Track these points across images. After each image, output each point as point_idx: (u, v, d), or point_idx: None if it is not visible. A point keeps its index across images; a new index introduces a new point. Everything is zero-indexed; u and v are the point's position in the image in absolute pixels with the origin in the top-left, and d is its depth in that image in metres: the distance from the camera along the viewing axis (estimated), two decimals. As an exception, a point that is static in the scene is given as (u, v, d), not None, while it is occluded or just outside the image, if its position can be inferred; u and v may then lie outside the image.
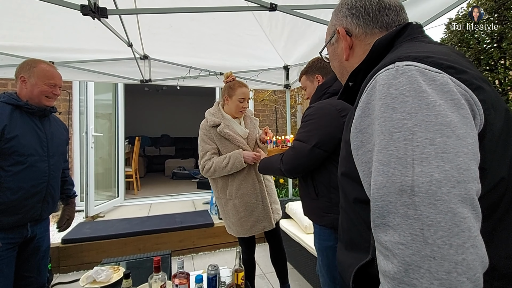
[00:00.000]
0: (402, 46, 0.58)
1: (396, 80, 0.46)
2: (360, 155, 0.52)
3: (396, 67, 0.48)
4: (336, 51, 0.74)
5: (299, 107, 4.86)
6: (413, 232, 0.38)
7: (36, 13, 1.73)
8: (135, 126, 7.64)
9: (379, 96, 0.48)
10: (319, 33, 2.04)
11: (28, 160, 1.34)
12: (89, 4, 1.20)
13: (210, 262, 2.83)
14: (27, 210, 1.36)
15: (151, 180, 6.04)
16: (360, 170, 0.53)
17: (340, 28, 0.69)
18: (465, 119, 0.43)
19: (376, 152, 0.46)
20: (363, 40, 0.68)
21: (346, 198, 0.64)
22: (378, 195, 0.43)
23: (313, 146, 1.23)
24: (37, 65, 1.39)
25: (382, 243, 0.43)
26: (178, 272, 1.32)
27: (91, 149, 3.43)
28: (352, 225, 0.64)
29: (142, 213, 3.65)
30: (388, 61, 0.51)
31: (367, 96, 0.51)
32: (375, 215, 0.44)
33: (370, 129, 0.50)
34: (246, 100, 1.83)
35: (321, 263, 1.33)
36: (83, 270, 2.60)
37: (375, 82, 0.50)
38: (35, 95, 1.37)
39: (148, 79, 2.73)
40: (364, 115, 0.52)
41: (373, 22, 0.66)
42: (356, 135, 0.53)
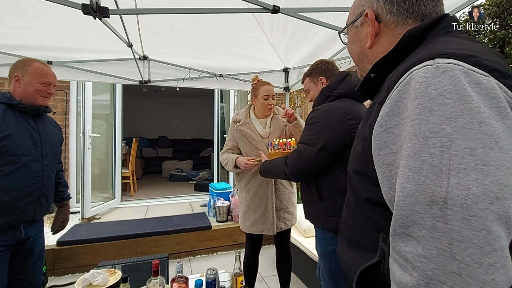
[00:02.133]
0: (436, 40, 0.52)
1: (436, 79, 0.42)
2: (382, 156, 0.48)
3: (437, 64, 0.43)
4: (358, 35, 0.67)
5: (298, 110, 4.86)
6: (440, 246, 0.36)
7: (35, 11, 1.71)
8: (133, 127, 7.59)
9: (415, 95, 0.43)
10: (321, 36, 2.04)
11: (21, 160, 1.31)
12: (91, 4, 1.19)
13: (208, 265, 2.80)
14: (20, 211, 1.33)
15: (148, 182, 5.99)
16: (379, 171, 0.50)
17: (370, 11, 0.61)
18: (510, 130, 0.39)
19: (407, 156, 0.42)
20: (392, 30, 0.61)
21: (356, 197, 0.62)
22: (404, 203, 0.40)
23: (319, 149, 1.21)
24: (30, 63, 1.38)
25: (401, 253, 0.41)
26: (177, 276, 1.29)
27: (88, 150, 3.40)
28: (359, 224, 0.62)
29: (139, 215, 3.61)
30: (424, 55, 0.46)
31: (398, 93, 0.46)
32: (397, 223, 0.42)
33: (398, 130, 0.46)
34: (271, 97, 1.83)
35: (323, 267, 1.31)
36: (78, 273, 2.56)
37: (409, 79, 0.45)
38: (29, 94, 1.35)
39: (147, 80, 2.71)
40: (393, 113, 0.47)
41: (407, 11, 0.59)
42: (380, 134, 0.49)
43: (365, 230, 0.59)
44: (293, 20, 1.65)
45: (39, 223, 1.51)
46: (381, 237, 0.53)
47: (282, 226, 1.86)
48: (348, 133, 1.21)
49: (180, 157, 7.40)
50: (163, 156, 7.50)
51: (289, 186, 1.91)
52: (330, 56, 2.28)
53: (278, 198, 1.85)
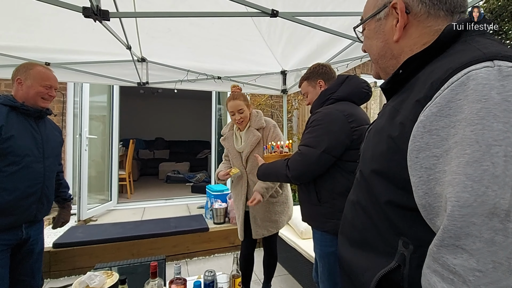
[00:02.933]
0: (475, 40, 0.50)
1: (499, 83, 0.39)
2: (421, 158, 0.45)
3: (499, 67, 0.40)
4: (382, 28, 0.62)
5: (295, 112, 4.89)
6: (497, 260, 0.35)
7: (35, 14, 1.71)
8: (130, 128, 7.56)
9: (476, 97, 0.40)
10: (318, 40, 2.07)
11: (24, 160, 1.34)
12: (92, 7, 1.20)
13: (205, 267, 2.80)
14: (22, 211, 1.36)
15: (144, 184, 5.96)
16: (415, 174, 0.46)
17: (400, 1, 0.57)
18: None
19: (464, 164, 0.39)
20: (423, 22, 0.57)
21: (372, 198, 0.58)
22: (459, 214, 0.38)
23: (323, 151, 1.22)
24: (33, 67, 1.42)
25: (448, 265, 0.39)
26: (175, 278, 1.30)
27: (85, 152, 3.38)
28: (371, 226, 0.59)
29: (135, 217, 3.60)
30: (479, 55, 0.43)
31: (451, 93, 0.42)
32: (447, 234, 0.39)
33: (445, 132, 0.42)
34: (237, 112, 1.82)
35: (321, 269, 1.32)
36: (74, 275, 2.54)
37: (466, 79, 0.42)
38: (30, 97, 1.39)
39: (145, 81, 2.71)
40: (441, 114, 0.43)
41: (441, 1, 0.55)
42: (422, 134, 0.45)
43: (377, 232, 0.57)
44: (291, 23, 1.67)
45: (40, 223, 1.54)
46: (401, 241, 0.52)
47: (264, 233, 1.92)
48: (349, 136, 1.22)
49: (177, 158, 7.38)
50: (160, 158, 7.47)
51: (270, 196, 1.91)
52: (327, 60, 2.31)
53: (255, 209, 1.89)
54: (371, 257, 0.58)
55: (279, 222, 1.95)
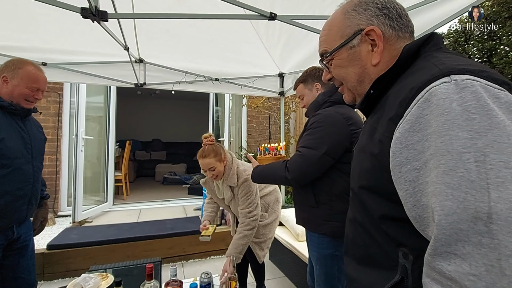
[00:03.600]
0: (433, 55, 0.54)
1: (458, 95, 0.42)
2: (404, 172, 0.47)
3: (455, 81, 0.44)
4: (357, 55, 0.64)
5: (293, 115, 4.91)
6: (488, 262, 0.36)
7: (32, 14, 1.71)
8: (126, 129, 7.53)
9: (440, 111, 0.43)
10: (315, 43, 2.06)
11: (14, 163, 1.30)
12: (90, 7, 1.19)
13: (201, 269, 2.78)
14: (13, 213, 1.33)
15: (141, 185, 5.93)
16: (401, 188, 0.48)
17: (376, 28, 0.60)
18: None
19: (442, 173, 0.41)
20: (393, 45, 0.62)
21: (367, 213, 0.60)
22: (447, 222, 0.39)
23: (323, 153, 1.22)
24: (23, 66, 1.34)
25: (445, 273, 0.40)
26: (171, 280, 1.29)
27: (81, 152, 3.36)
28: (371, 241, 0.59)
29: (131, 219, 3.57)
30: (436, 72, 0.47)
31: (418, 110, 0.46)
32: (439, 243, 0.40)
33: (420, 146, 0.45)
34: (209, 170, 1.76)
35: (318, 272, 1.32)
36: (68, 278, 2.52)
37: (429, 95, 0.45)
38: (14, 96, 1.32)
39: (143, 82, 2.71)
40: (413, 129, 0.46)
41: (404, 25, 0.62)
42: (400, 150, 0.48)
43: (378, 247, 0.58)
44: (289, 27, 1.68)
45: (28, 222, 1.52)
46: (401, 253, 0.52)
47: (267, 252, 2.00)
48: (349, 138, 1.23)
49: (173, 160, 7.35)
50: (157, 159, 7.45)
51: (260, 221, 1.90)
52: (325, 63, 2.32)
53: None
54: (375, 273, 0.58)
55: (265, 234, 1.99)
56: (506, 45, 1.93)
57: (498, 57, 2.03)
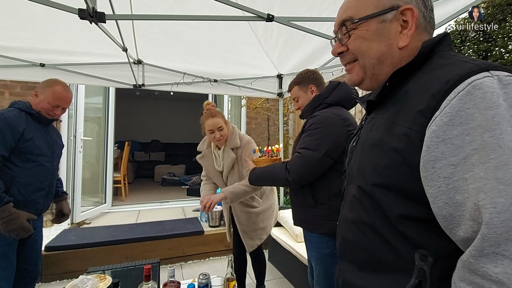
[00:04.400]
0: (450, 54, 0.54)
1: (502, 91, 0.41)
2: (438, 168, 0.45)
3: (497, 76, 0.43)
4: (386, 32, 0.58)
5: (292, 116, 4.91)
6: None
7: (30, 14, 1.71)
8: (125, 130, 7.51)
9: (487, 104, 0.41)
10: (314, 45, 2.09)
11: (39, 159, 1.54)
12: (87, 9, 1.19)
13: (200, 271, 2.77)
14: (32, 203, 1.54)
15: (139, 186, 5.92)
16: (433, 185, 0.46)
17: (414, 9, 0.56)
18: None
19: (493, 168, 0.39)
20: (420, 34, 0.58)
21: (380, 214, 0.56)
22: (499, 220, 0.37)
23: (324, 154, 1.24)
24: (52, 86, 1.58)
25: (490, 275, 0.38)
26: (168, 281, 1.29)
27: (79, 154, 3.35)
28: (382, 244, 0.56)
29: (130, 220, 3.56)
30: (473, 67, 0.46)
31: (460, 103, 0.44)
32: (488, 243, 0.38)
33: (459, 141, 0.43)
34: (217, 130, 1.77)
35: (317, 272, 1.33)
36: (67, 279, 2.51)
37: (471, 88, 0.43)
38: (39, 109, 1.58)
39: (141, 83, 2.71)
40: (453, 123, 0.44)
41: (431, 19, 0.60)
42: (436, 144, 0.45)
43: (391, 250, 0.54)
44: (287, 28, 1.69)
45: (41, 217, 1.70)
46: (418, 256, 0.50)
47: (258, 243, 1.95)
48: (346, 139, 1.25)
49: (172, 161, 7.34)
50: (156, 160, 7.43)
51: (251, 208, 1.91)
52: (323, 64, 2.33)
53: (242, 223, 1.90)
54: (386, 278, 0.55)
55: (267, 227, 1.97)
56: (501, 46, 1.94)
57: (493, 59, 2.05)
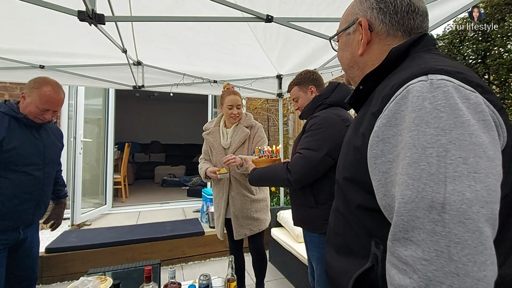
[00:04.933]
0: (420, 56, 0.56)
1: (431, 94, 0.45)
2: (378, 164, 0.51)
3: (431, 80, 0.46)
4: (351, 42, 0.68)
5: (291, 116, 4.91)
6: (438, 248, 0.39)
7: (29, 16, 1.71)
8: (125, 132, 7.52)
9: (412, 108, 0.46)
10: (313, 45, 2.09)
11: (25, 169, 1.40)
12: (87, 10, 1.20)
13: (201, 271, 2.77)
14: (19, 215, 1.42)
15: (140, 187, 5.92)
16: (375, 179, 0.52)
17: (363, 20, 0.64)
18: (494, 141, 0.44)
19: (406, 165, 0.44)
20: (383, 40, 0.63)
21: (347, 203, 0.63)
22: (405, 210, 0.43)
23: (325, 154, 1.25)
24: (40, 86, 1.41)
25: (401, 257, 0.43)
26: (169, 282, 1.29)
27: (79, 155, 3.35)
28: (349, 230, 0.63)
29: (130, 221, 3.56)
30: (417, 70, 0.49)
31: (396, 106, 0.49)
32: (397, 229, 0.44)
33: (394, 140, 0.48)
34: (235, 107, 1.88)
35: (319, 272, 1.33)
36: (67, 281, 2.51)
37: (406, 92, 0.48)
38: (26, 113, 1.42)
39: (141, 85, 2.71)
40: (390, 124, 0.49)
41: (398, 23, 0.62)
42: (377, 143, 0.51)
43: (355, 236, 0.61)
44: (286, 29, 1.69)
45: (36, 225, 1.61)
46: (373, 242, 0.55)
47: (247, 233, 1.90)
48: None
49: (172, 162, 7.33)
50: (156, 161, 7.43)
51: (250, 194, 1.91)
52: (322, 64, 2.33)
53: (236, 207, 1.88)
54: (350, 261, 0.61)
55: (261, 221, 1.94)
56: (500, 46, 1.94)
57: (492, 58, 2.05)
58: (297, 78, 1.52)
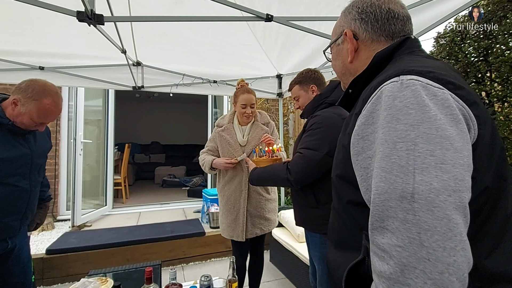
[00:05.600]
0: (402, 58, 0.60)
1: (401, 93, 0.49)
2: (360, 160, 0.54)
3: (401, 81, 0.50)
4: (341, 52, 0.75)
5: (292, 116, 4.91)
6: (411, 235, 0.41)
7: (28, 18, 1.71)
8: (125, 133, 7.51)
9: (384, 106, 0.50)
10: (312, 44, 2.08)
11: (9, 180, 1.25)
12: (86, 11, 1.19)
13: (201, 272, 2.77)
14: (6, 228, 1.30)
15: (140, 188, 5.91)
16: (358, 174, 0.55)
17: (348, 31, 0.70)
18: (462, 133, 0.46)
19: (379, 159, 0.48)
20: (368, 46, 0.69)
21: (340, 200, 0.68)
22: (379, 200, 0.46)
23: (325, 154, 1.24)
24: (40, 98, 1.23)
25: (379, 245, 0.45)
26: (170, 284, 1.28)
27: (79, 156, 3.35)
28: (343, 225, 0.66)
29: (130, 222, 3.56)
30: (392, 73, 0.53)
31: (372, 106, 0.53)
32: (374, 218, 0.47)
33: (372, 137, 0.52)
34: (249, 106, 1.84)
35: (321, 273, 1.32)
36: (68, 282, 2.50)
37: (380, 93, 0.52)
38: (18, 121, 1.25)
39: (141, 85, 2.71)
40: (368, 123, 0.53)
41: (380, 30, 0.67)
42: (357, 141, 0.55)
43: (349, 231, 0.64)
44: (286, 28, 1.68)
45: (23, 231, 1.49)
46: (364, 235, 0.57)
47: (258, 232, 1.87)
48: None
49: (173, 162, 7.33)
50: (156, 162, 7.42)
51: (265, 193, 1.89)
52: (322, 64, 2.33)
53: (252, 205, 1.85)
54: (345, 254, 0.64)
55: (271, 221, 1.93)
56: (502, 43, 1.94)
57: (494, 56, 2.04)
58: (298, 77, 1.51)
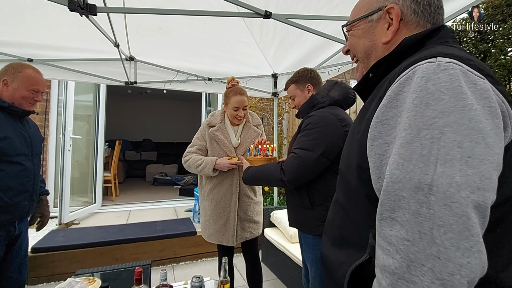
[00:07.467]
0: (435, 47, 0.54)
1: (436, 75, 0.44)
2: (375, 146, 0.50)
3: (439, 62, 0.45)
4: (372, 30, 0.65)
5: (286, 115, 4.90)
6: (422, 230, 0.38)
7: (17, 8, 1.64)
8: (116, 129, 7.38)
9: (415, 88, 0.45)
10: (310, 44, 2.07)
11: (17, 159, 1.38)
12: (78, 0, 1.14)
13: (192, 272, 2.73)
14: (16, 207, 1.40)
15: (130, 186, 5.81)
16: (371, 161, 0.51)
17: (395, 7, 0.60)
18: (497, 129, 0.42)
19: (399, 145, 0.44)
20: (411, 30, 0.61)
21: (350, 194, 0.62)
22: (392, 189, 0.42)
23: (320, 154, 1.22)
24: (22, 70, 1.41)
25: (386, 237, 0.42)
26: (161, 285, 1.25)
27: (68, 152, 3.26)
28: (348, 222, 0.62)
29: (120, 221, 3.49)
30: (427, 54, 0.48)
31: (399, 86, 0.48)
32: (384, 208, 0.43)
33: (393, 121, 0.47)
34: (242, 108, 1.76)
35: (313, 274, 1.30)
36: (54, 282, 2.43)
37: (412, 73, 0.47)
38: (15, 99, 1.39)
39: (134, 81, 2.65)
40: (391, 105, 0.48)
41: (430, 16, 0.60)
42: (375, 125, 0.50)
43: (353, 227, 0.60)
44: (283, 26, 1.66)
45: (27, 219, 1.58)
46: (371, 234, 0.53)
47: (247, 236, 1.83)
48: (343, 139, 1.23)
49: (164, 160, 7.25)
50: (147, 160, 7.32)
51: (253, 196, 1.87)
52: (319, 63, 2.32)
53: (242, 209, 1.81)
54: (347, 253, 0.60)
55: (259, 224, 1.90)
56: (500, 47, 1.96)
57: (492, 59, 2.07)
58: (295, 76, 1.50)
